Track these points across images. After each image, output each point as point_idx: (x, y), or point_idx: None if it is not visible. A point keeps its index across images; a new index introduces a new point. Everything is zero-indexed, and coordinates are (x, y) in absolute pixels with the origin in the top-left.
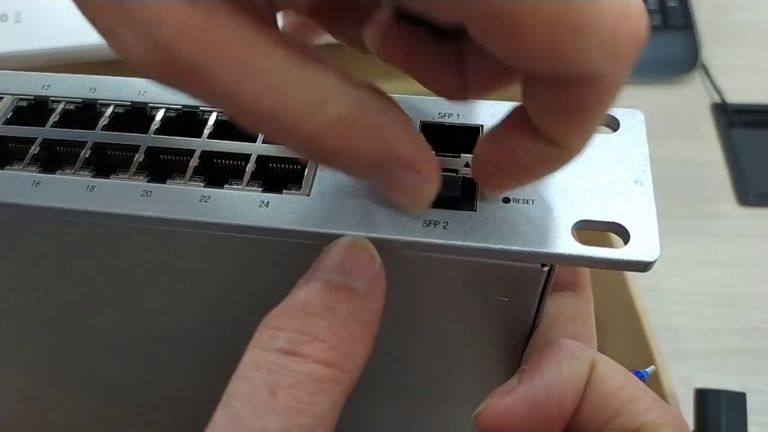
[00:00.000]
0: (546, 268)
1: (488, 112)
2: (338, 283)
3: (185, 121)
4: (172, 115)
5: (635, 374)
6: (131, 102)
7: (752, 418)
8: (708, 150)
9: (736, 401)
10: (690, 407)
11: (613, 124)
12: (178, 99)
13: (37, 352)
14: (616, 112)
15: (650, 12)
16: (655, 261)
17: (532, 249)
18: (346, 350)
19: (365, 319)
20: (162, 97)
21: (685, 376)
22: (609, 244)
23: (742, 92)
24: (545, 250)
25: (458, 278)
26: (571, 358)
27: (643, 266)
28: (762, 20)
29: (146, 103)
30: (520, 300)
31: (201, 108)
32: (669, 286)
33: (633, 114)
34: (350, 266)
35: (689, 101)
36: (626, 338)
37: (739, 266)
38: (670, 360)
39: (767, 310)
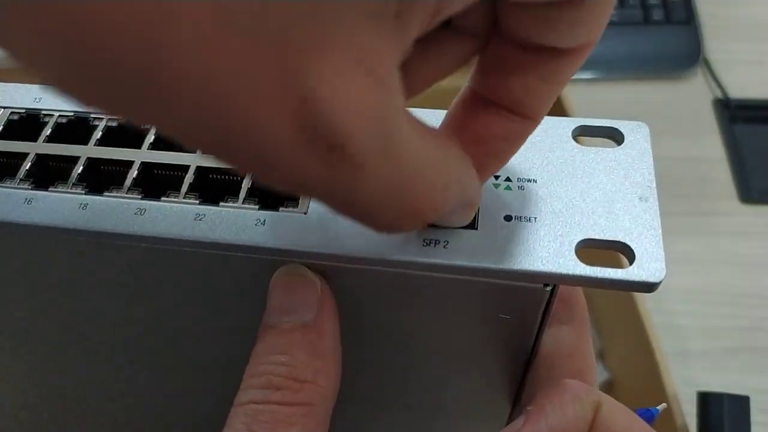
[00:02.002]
0: (549, 288)
1: None
2: (286, 326)
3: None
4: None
5: (645, 412)
6: None
7: (755, 417)
8: (710, 146)
9: (739, 405)
10: (692, 407)
11: (618, 138)
12: None
13: (29, 365)
14: (620, 125)
15: (652, 6)
16: (660, 282)
17: (535, 269)
18: (311, 387)
19: (323, 349)
20: None
21: (687, 376)
22: (614, 262)
23: (744, 88)
24: (548, 270)
25: (459, 297)
26: (575, 400)
27: (648, 287)
28: (765, 14)
29: None
30: (521, 319)
31: None
32: (670, 284)
33: (638, 127)
34: (291, 303)
35: (691, 97)
36: (628, 338)
37: (741, 264)
38: (672, 360)
39: None
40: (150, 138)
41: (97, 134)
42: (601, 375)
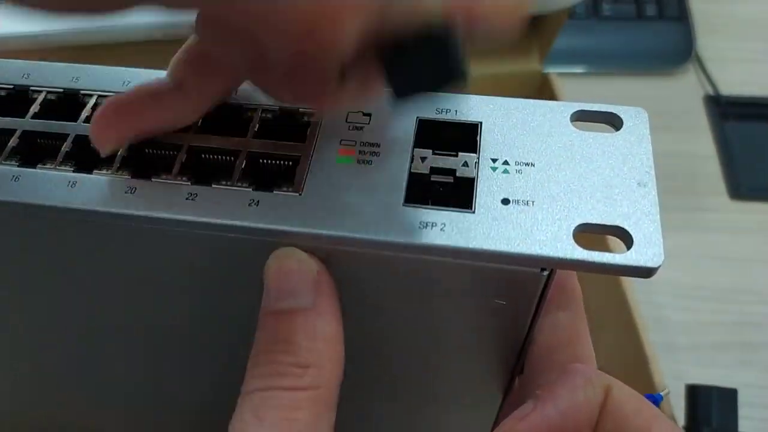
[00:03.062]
0: (546, 273)
1: (487, 108)
2: (286, 310)
3: None
4: None
5: (649, 397)
6: (114, 93)
7: (743, 412)
8: (700, 142)
9: (728, 397)
10: (680, 400)
11: (616, 123)
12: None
13: (21, 349)
14: (619, 110)
15: (645, 2)
16: (658, 267)
17: (532, 252)
18: (316, 371)
19: (326, 332)
20: None
21: (675, 370)
22: (610, 248)
23: (736, 85)
24: (546, 254)
25: (454, 281)
26: (587, 383)
27: (646, 272)
28: (758, 12)
29: None
30: (518, 303)
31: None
32: (660, 279)
33: (636, 113)
34: (289, 287)
35: (683, 93)
36: (617, 331)
37: (730, 260)
38: (660, 353)
39: (758, 304)
40: None
41: (87, 111)
42: None
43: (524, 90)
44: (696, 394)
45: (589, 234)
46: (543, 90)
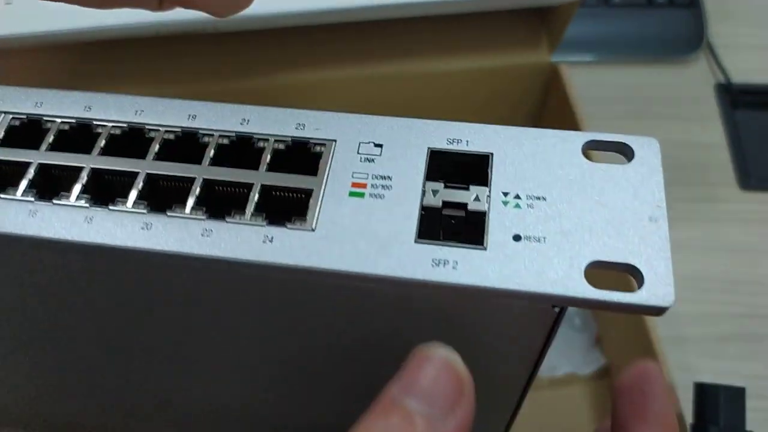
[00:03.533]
0: (557, 309)
1: (498, 138)
2: (417, 415)
3: (184, 145)
4: (170, 138)
5: None
6: (128, 123)
7: (749, 403)
8: (711, 132)
9: (736, 396)
10: (688, 394)
11: (627, 153)
12: (176, 122)
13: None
14: (630, 140)
15: None
16: (669, 307)
17: (545, 291)
18: None
19: None
20: (162, 117)
21: (683, 363)
22: (623, 282)
23: (747, 73)
24: (558, 293)
25: (465, 317)
26: None
27: (657, 311)
28: None
29: (143, 125)
30: (527, 338)
31: (201, 131)
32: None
33: (648, 143)
34: (434, 391)
35: (693, 81)
36: (625, 324)
37: (739, 251)
38: (668, 346)
39: (767, 295)
40: (155, 148)
41: (101, 142)
42: (598, 361)
43: (533, 82)
44: (704, 393)
45: (601, 270)
46: (552, 83)
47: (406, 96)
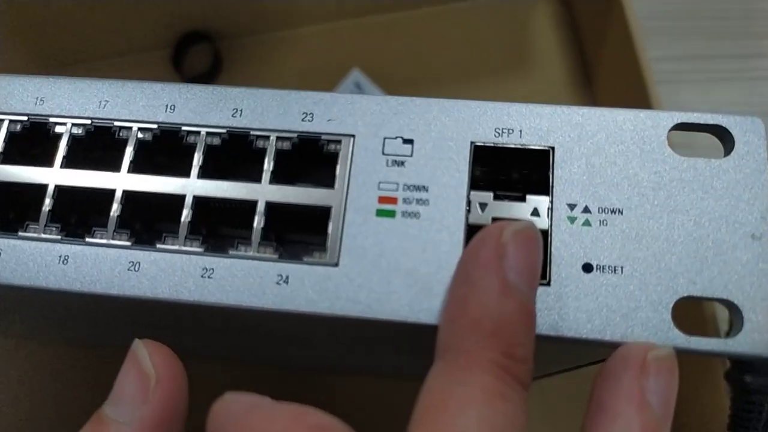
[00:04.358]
0: None
1: (559, 122)
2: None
3: (163, 148)
4: (146, 138)
5: None
6: (91, 120)
7: None
8: None
9: None
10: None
11: (725, 139)
12: (151, 116)
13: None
14: (728, 122)
15: None
16: None
17: (624, 340)
18: None
19: None
20: (132, 109)
21: None
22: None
23: None
24: (638, 342)
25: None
26: None
27: (763, 361)
28: None
29: (110, 122)
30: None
31: (183, 128)
32: (705, 139)
33: (751, 124)
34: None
35: None
36: None
37: None
38: None
39: None
40: (129, 154)
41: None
42: None
43: None
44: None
45: (689, 303)
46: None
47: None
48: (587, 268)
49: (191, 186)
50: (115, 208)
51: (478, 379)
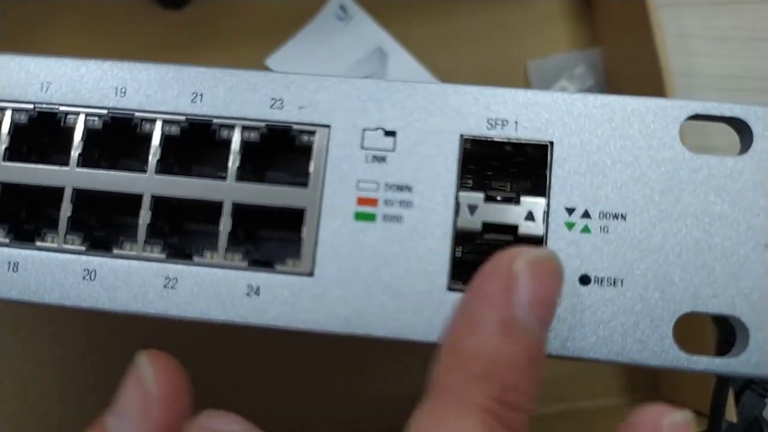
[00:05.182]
0: None
1: (559, 112)
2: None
3: (113, 137)
4: (96, 127)
5: None
6: (35, 105)
7: None
8: None
9: None
10: None
11: (744, 136)
12: (99, 100)
13: None
14: (746, 113)
15: None
16: None
17: (622, 361)
18: None
19: None
20: (78, 92)
21: None
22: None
23: None
24: (641, 363)
25: None
26: None
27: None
28: None
29: (56, 107)
30: None
31: (137, 114)
32: (702, 69)
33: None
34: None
35: None
36: None
37: None
38: None
39: None
40: (78, 144)
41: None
42: None
43: None
44: None
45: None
46: None
47: None
48: (584, 280)
49: (149, 183)
50: (66, 208)
51: (460, 424)
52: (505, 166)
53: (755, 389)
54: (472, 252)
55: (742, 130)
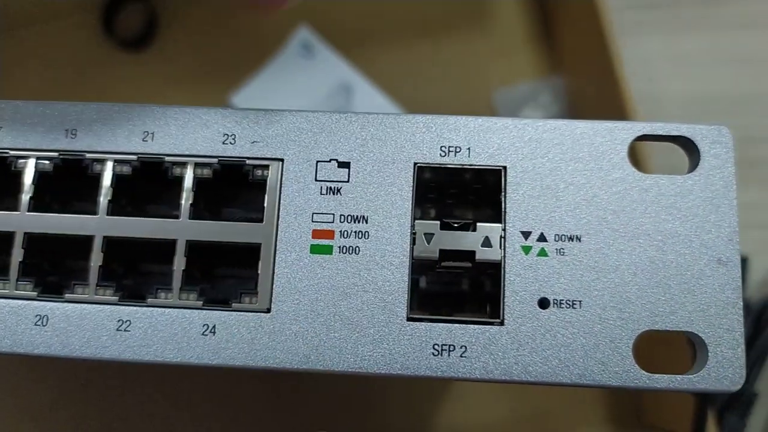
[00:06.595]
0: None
1: (512, 138)
2: None
3: (64, 179)
4: (47, 169)
5: None
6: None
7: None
8: None
9: None
10: None
11: (692, 154)
12: (51, 143)
13: None
14: (693, 132)
15: None
16: (737, 389)
17: (585, 383)
18: None
19: None
20: (26, 135)
21: None
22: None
23: None
24: (603, 383)
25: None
26: None
27: (726, 395)
28: None
29: (5, 152)
30: None
31: (87, 155)
32: (668, 91)
33: (717, 134)
34: None
35: None
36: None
37: (745, 62)
38: None
39: None
40: (29, 189)
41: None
42: None
43: None
44: None
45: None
46: None
47: None
48: (543, 303)
49: (100, 224)
50: (17, 253)
51: None
52: (463, 194)
53: (737, 408)
54: (430, 281)
55: (690, 148)
